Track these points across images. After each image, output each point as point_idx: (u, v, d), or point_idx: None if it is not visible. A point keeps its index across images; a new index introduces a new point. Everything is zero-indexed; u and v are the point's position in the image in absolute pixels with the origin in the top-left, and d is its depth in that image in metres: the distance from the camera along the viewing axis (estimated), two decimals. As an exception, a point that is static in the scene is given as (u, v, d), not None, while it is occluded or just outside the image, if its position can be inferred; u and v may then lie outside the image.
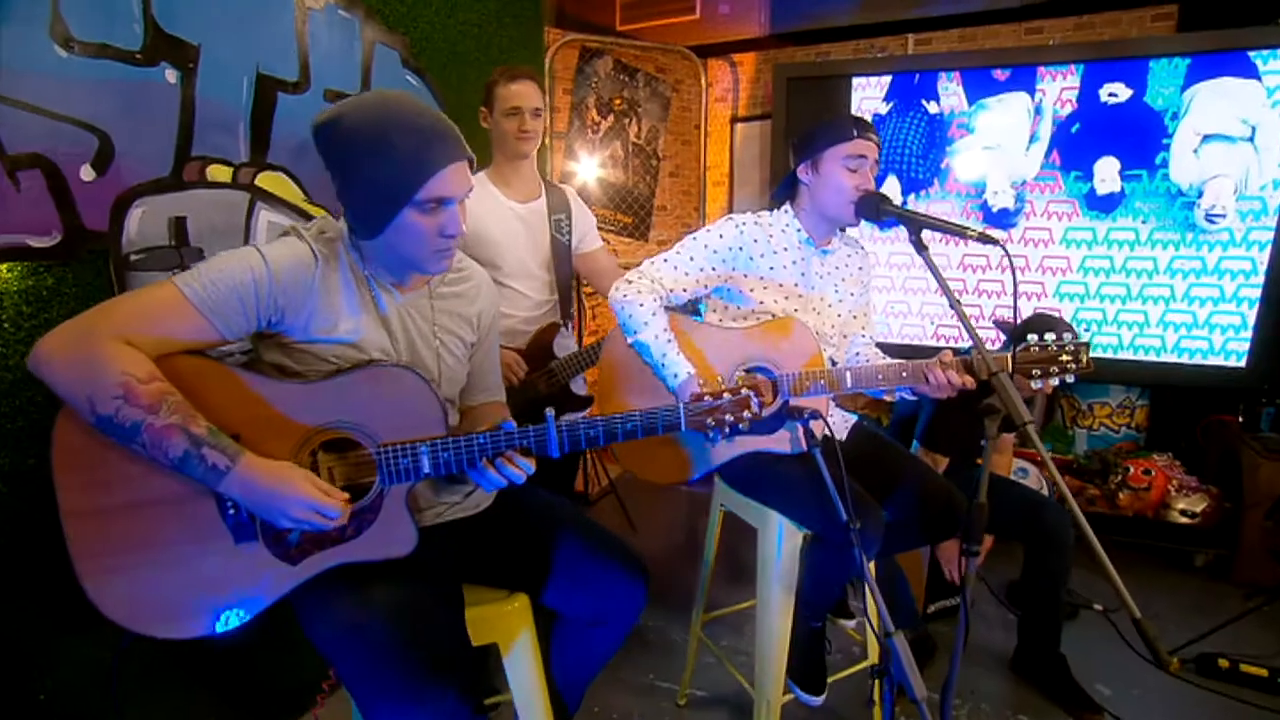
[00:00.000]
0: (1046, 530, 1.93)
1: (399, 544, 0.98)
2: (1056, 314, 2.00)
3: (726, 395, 1.11)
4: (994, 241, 1.23)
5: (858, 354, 1.61)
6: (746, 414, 1.12)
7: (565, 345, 1.93)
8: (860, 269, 1.64)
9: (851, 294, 1.61)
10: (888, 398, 1.54)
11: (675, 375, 1.40)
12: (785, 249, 1.53)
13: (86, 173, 1.29)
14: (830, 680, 1.59)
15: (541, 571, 1.15)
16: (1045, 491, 2.50)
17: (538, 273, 1.87)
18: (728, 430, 1.12)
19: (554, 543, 1.16)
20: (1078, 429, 3.06)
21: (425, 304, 1.13)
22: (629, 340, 1.44)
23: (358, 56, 1.79)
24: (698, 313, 1.61)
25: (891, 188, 2.97)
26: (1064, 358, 1.36)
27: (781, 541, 1.49)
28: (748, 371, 1.46)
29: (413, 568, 1.02)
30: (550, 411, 1.03)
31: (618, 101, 3.93)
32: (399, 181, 0.97)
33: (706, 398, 1.11)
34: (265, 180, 1.60)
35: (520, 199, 1.85)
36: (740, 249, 1.51)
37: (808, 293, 1.55)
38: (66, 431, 0.88)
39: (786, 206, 1.58)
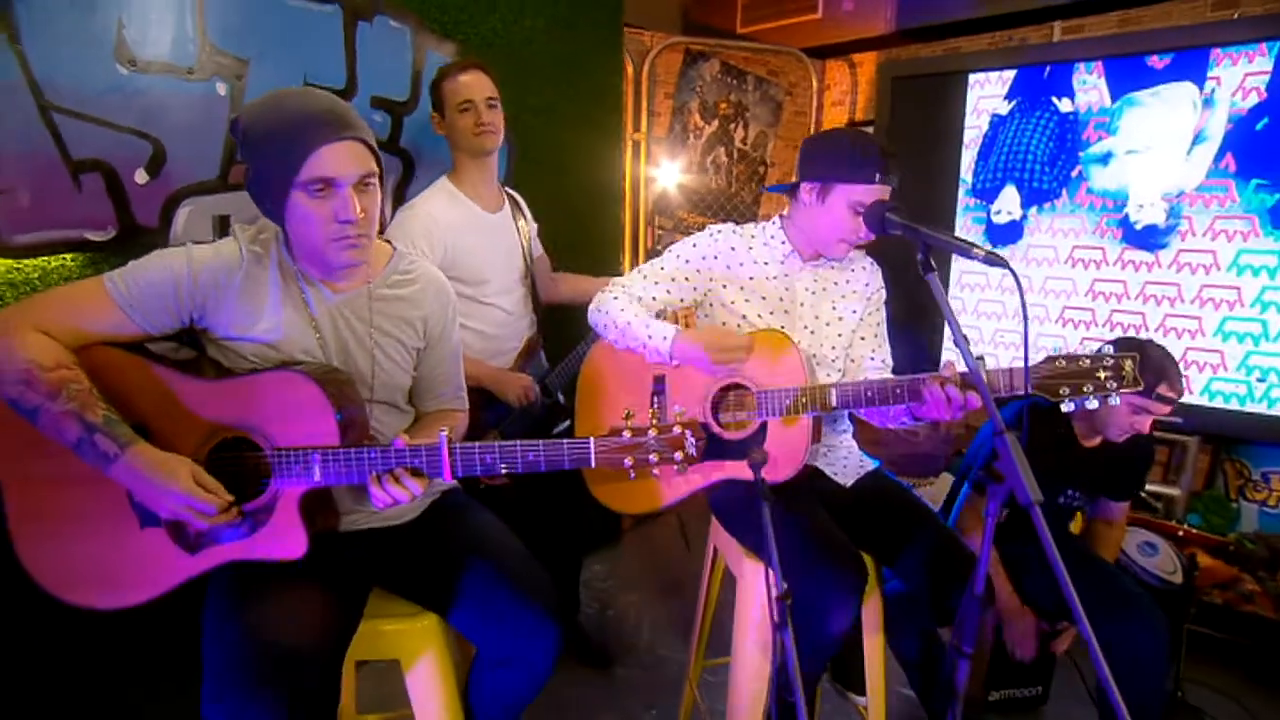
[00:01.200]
0: (1136, 622, 1.53)
1: (290, 547, 0.99)
2: (1159, 348, 1.59)
3: (652, 432, 0.99)
4: (1001, 262, 0.98)
5: (865, 378, 1.39)
6: (678, 455, 0.99)
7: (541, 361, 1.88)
8: (867, 284, 1.43)
9: (854, 311, 1.42)
10: (902, 430, 1.31)
11: (665, 338, 1.29)
12: (767, 262, 1.40)
13: (140, 176, 1.46)
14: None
15: (452, 594, 1.10)
16: (1178, 573, 2.01)
17: (517, 287, 1.80)
18: (654, 473, 1.00)
19: (469, 567, 1.11)
20: (1245, 502, 2.43)
21: (363, 304, 1.13)
22: (611, 335, 1.37)
23: (408, 64, 1.87)
24: None
25: (1009, 200, 2.57)
26: (1101, 374, 1.11)
27: (761, 591, 1.31)
28: (723, 390, 1.32)
29: (315, 572, 1.02)
30: (444, 432, 0.98)
31: (723, 105, 3.81)
32: (281, 163, 0.98)
33: (625, 433, 1.00)
34: (311, 182, 1.73)
35: (491, 209, 1.76)
36: (715, 257, 1.39)
37: (795, 308, 1.38)
38: (3, 405, 0.96)
39: (776, 218, 1.41)
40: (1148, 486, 2.53)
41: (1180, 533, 2.28)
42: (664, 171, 3.27)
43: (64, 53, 1.33)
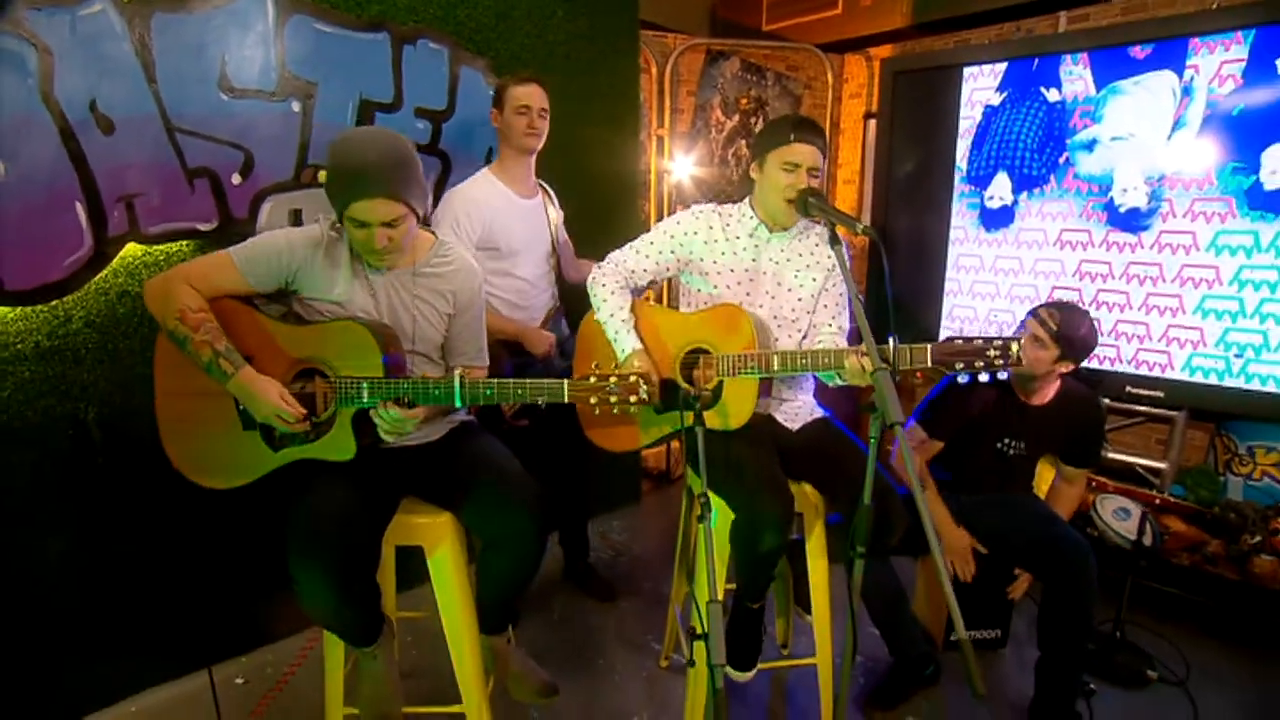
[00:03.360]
0: (1062, 565, 1.73)
1: (341, 451, 1.36)
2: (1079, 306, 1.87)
3: (612, 379, 1.29)
4: (872, 235, 1.22)
5: (820, 341, 1.64)
6: (633, 398, 1.29)
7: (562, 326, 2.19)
8: (829, 257, 1.66)
9: (814, 279, 1.65)
10: (834, 384, 1.56)
11: (622, 350, 1.59)
12: (739, 236, 1.65)
13: (235, 179, 1.86)
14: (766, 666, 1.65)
15: (461, 496, 1.45)
16: (1149, 535, 2.16)
17: (542, 264, 2.13)
18: (614, 410, 1.30)
19: (474, 476, 1.46)
20: (1232, 475, 2.53)
21: (408, 279, 1.49)
22: (595, 317, 1.67)
23: (445, 78, 2.22)
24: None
25: (1001, 185, 2.72)
26: (991, 352, 1.32)
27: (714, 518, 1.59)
28: (691, 353, 1.60)
29: (362, 475, 1.38)
30: (458, 370, 1.32)
31: (744, 101, 4.03)
32: (336, 198, 1.35)
33: (592, 377, 1.30)
34: (365, 181, 2.10)
35: (525, 196, 2.09)
36: (695, 234, 1.65)
37: (759, 276, 1.64)
38: (163, 340, 1.39)
39: (747, 199, 1.67)
40: (1141, 461, 2.65)
41: (1157, 500, 2.41)
42: (678, 165, 3.53)
43: (183, 86, 1.72)
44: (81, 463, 1.69)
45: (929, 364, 1.33)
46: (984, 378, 1.33)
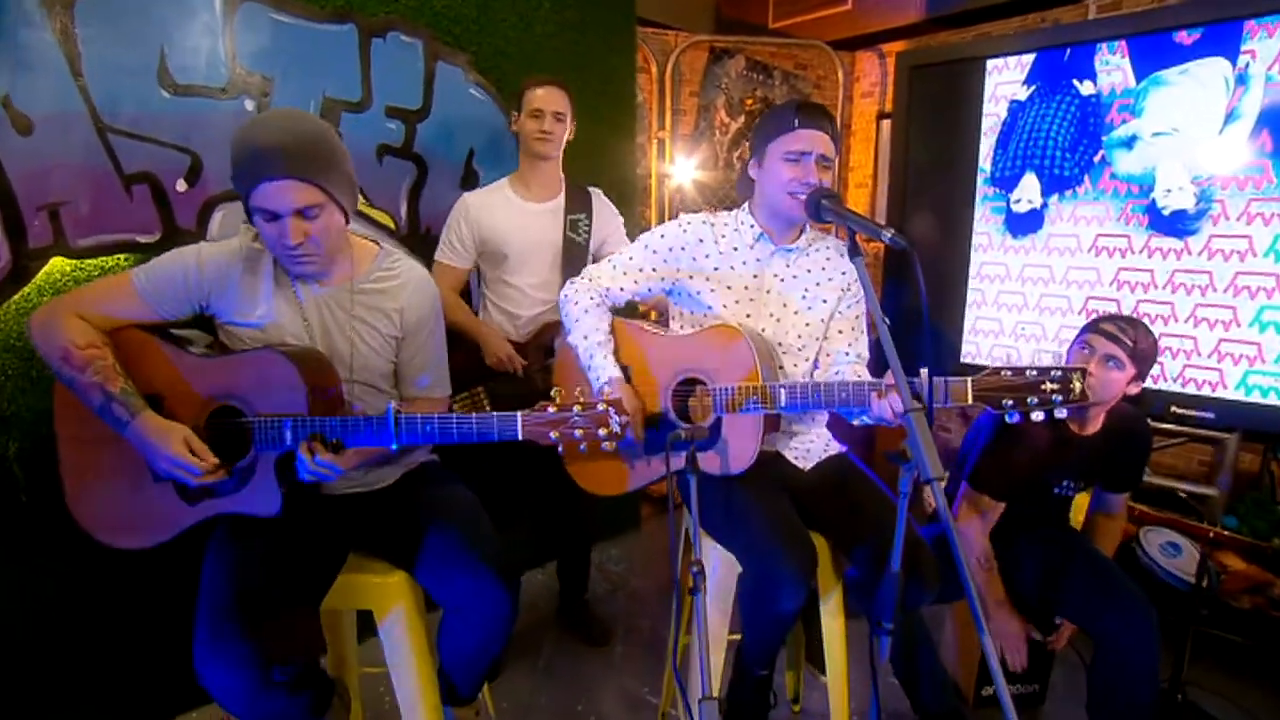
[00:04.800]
0: (1120, 625, 1.50)
1: (267, 504, 1.14)
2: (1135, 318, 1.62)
3: (576, 408, 1.08)
4: (904, 246, 1.00)
5: (838, 373, 1.42)
6: (602, 432, 1.08)
7: None
8: (844, 273, 1.44)
9: (824, 301, 1.43)
10: (859, 422, 1.33)
11: (597, 379, 1.38)
12: (736, 248, 1.43)
13: (180, 185, 1.67)
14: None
15: (417, 553, 1.23)
16: (1208, 577, 1.92)
17: (546, 271, 1.94)
18: (581, 447, 1.09)
19: (432, 530, 1.24)
20: (1292, 507, 2.28)
21: (345, 297, 1.28)
22: (566, 340, 1.46)
23: (419, 74, 2.02)
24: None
25: (1030, 187, 2.50)
26: (1047, 386, 1.09)
27: (716, 571, 1.38)
28: (682, 383, 1.38)
29: (298, 530, 1.17)
30: (391, 403, 1.11)
31: (749, 101, 3.83)
32: (240, 186, 1.15)
33: (549, 408, 1.09)
34: (329, 187, 1.90)
35: (536, 200, 1.94)
36: (682, 248, 1.44)
37: (762, 295, 1.41)
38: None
39: (746, 204, 1.46)
40: (1185, 486, 2.41)
41: (1211, 534, 2.17)
42: (680, 168, 3.33)
43: (116, 81, 1.54)
44: (2, 502, 1.51)
45: (969, 401, 1.11)
46: (1037, 416, 1.10)
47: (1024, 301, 2.55)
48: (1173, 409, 2.23)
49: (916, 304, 2.74)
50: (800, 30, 3.89)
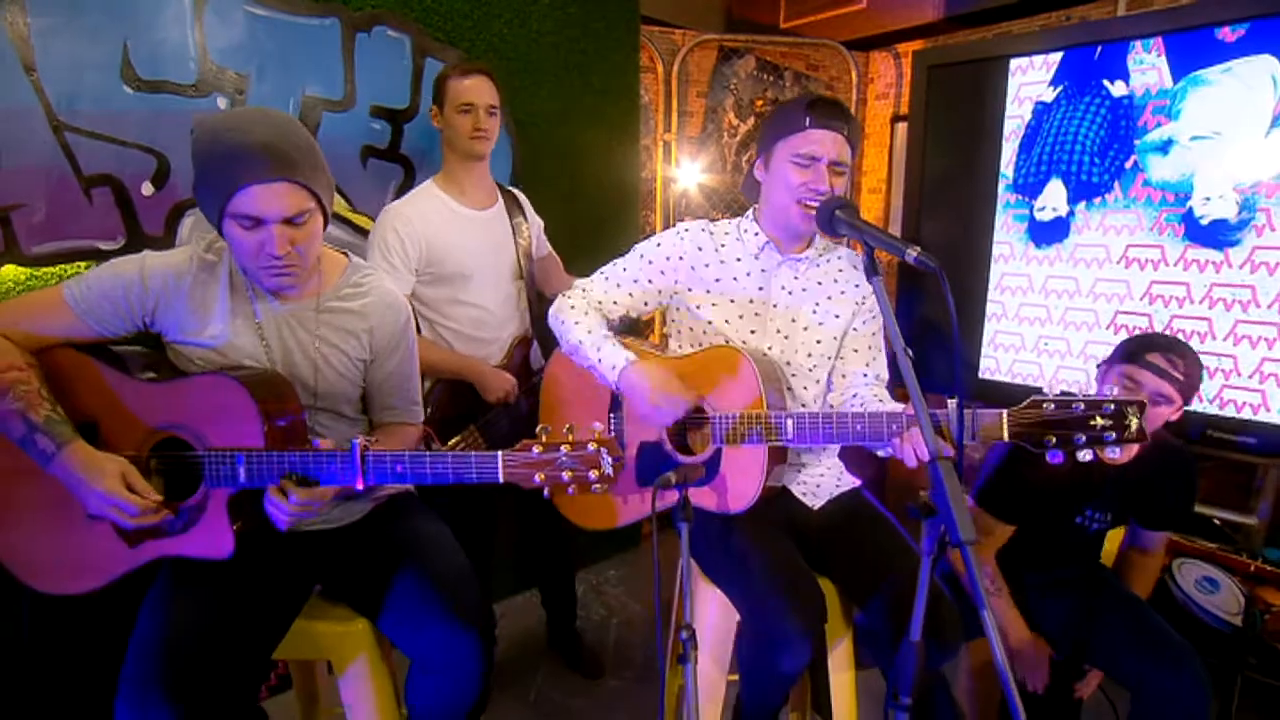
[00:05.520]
0: (1161, 679, 1.35)
1: (217, 547, 1.02)
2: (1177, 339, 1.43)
3: (564, 449, 0.95)
4: (933, 267, 0.87)
5: (855, 395, 1.28)
6: (593, 474, 0.95)
7: (537, 358, 1.85)
8: (858, 286, 1.31)
9: (837, 316, 1.30)
10: (882, 453, 1.20)
11: (613, 367, 1.22)
12: (739, 259, 1.30)
13: (147, 188, 1.56)
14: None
15: (382, 600, 1.11)
16: (1239, 613, 1.77)
17: (506, 285, 1.78)
18: (569, 490, 0.96)
19: (400, 574, 1.11)
20: (1340, 539, 2.12)
21: (310, 315, 1.15)
22: (565, 349, 1.33)
23: (407, 72, 1.91)
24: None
25: (1055, 194, 2.35)
26: (1097, 421, 0.93)
27: (713, 614, 1.25)
28: (678, 408, 1.25)
29: (254, 571, 1.05)
30: (358, 439, 0.98)
31: (759, 103, 3.70)
32: (215, 189, 1.01)
33: (535, 449, 0.96)
34: (309, 191, 1.79)
35: (477, 206, 1.76)
36: (680, 258, 1.31)
37: (768, 310, 1.28)
38: None
39: (751, 210, 1.33)
40: (1219, 514, 2.26)
41: (1252, 568, 2.01)
42: (685, 172, 3.21)
43: (74, 76, 1.43)
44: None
45: (1005, 438, 0.97)
46: (1084, 456, 0.96)
47: (1047, 315, 2.40)
48: (1209, 433, 2.08)
49: (933, 318, 2.62)
50: (813, 30, 3.76)
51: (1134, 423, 0.93)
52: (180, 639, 0.96)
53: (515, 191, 1.90)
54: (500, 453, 0.98)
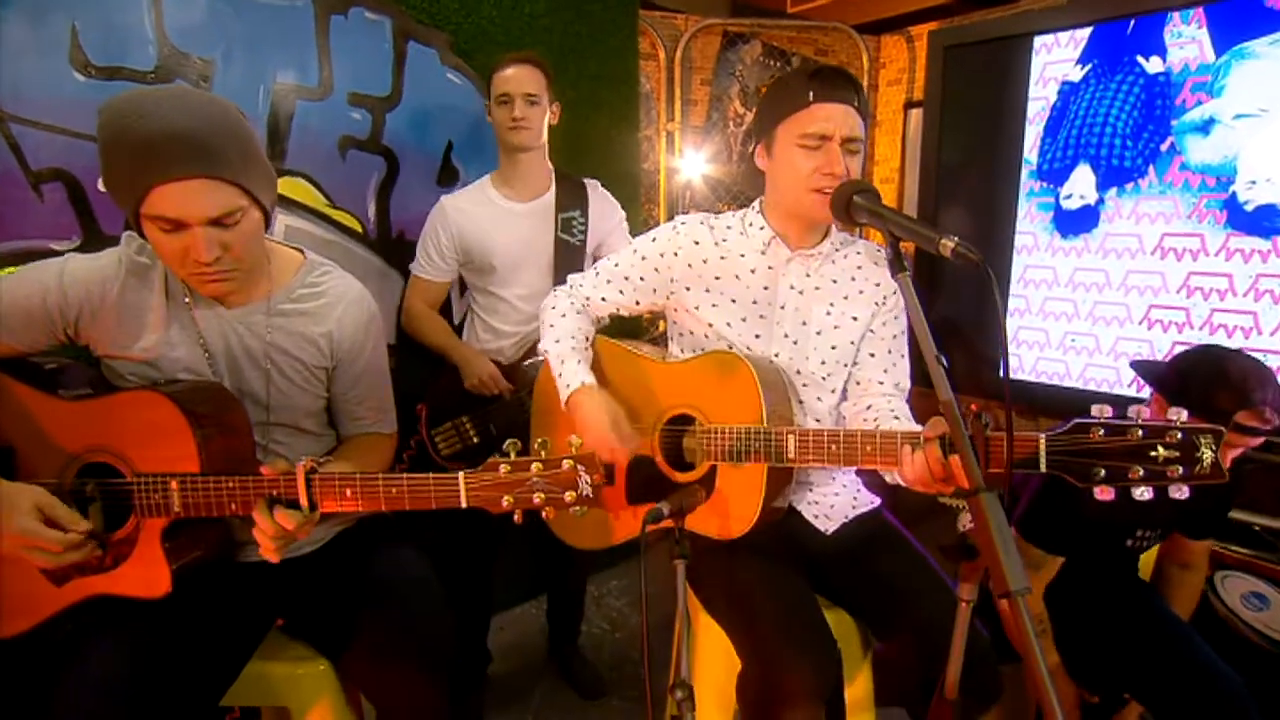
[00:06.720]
0: (1208, 714, 1.22)
1: (151, 584, 0.90)
2: (1245, 359, 1.22)
3: (535, 468, 0.83)
4: (974, 260, 0.73)
5: (869, 407, 1.14)
6: (568, 496, 0.83)
7: None
8: (879, 285, 1.17)
9: (855, 318, 1.16)
10: (889, 479, 1.06)
11: (567, 386, 1.12)
12: (743, 255, 1.16)
13: (102, 184, 1.45)
14: None
15: (343, 637, 0.99)
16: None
17: (537, 281, 1.69)
18: (547, 514, 0.84)
19: (366, 611, 0.99)
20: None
21: (260, 321, 1.03)
22: (539, 347, 1.23)
23: (388, 57, 1.79)
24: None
25: (1083, 181, 2.20)
26: (1160, 453, 0.78)
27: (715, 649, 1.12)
28: (671, 422, 1.13)
29: (183, 616, 0.94)
30: (303, 461, 0.86)
31: (766, 90, 3.55)
32: (127, 189, 0.88)
33: (501, 468, 0.84)
34: (284, 186, 1.67)
35: (522, 198, 1.70)
36: (676, 254, 1.18)
37: (774, 312, 1.15)
38: None
39: (756, 202, 1.20)
40: (1259, 520, 2.11)
41: (1294, 579, 1.87)
42: (689, 162, 3.07)
43: (17, 63, 1.32)
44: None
45: (1041, 467, 0.83)
46: (1142, 494, 0.80)
47: (1074, 310, 2.25)
48: (1253, 435, 1.93)
49: (954, 316, 2.47)
50: (821, 13, 3.61)
51: (1208, 456, 0.77)
52: (109, 686, 0.84)
53: (589, 184, 1.80)
54: (462, 473, 0.86)
